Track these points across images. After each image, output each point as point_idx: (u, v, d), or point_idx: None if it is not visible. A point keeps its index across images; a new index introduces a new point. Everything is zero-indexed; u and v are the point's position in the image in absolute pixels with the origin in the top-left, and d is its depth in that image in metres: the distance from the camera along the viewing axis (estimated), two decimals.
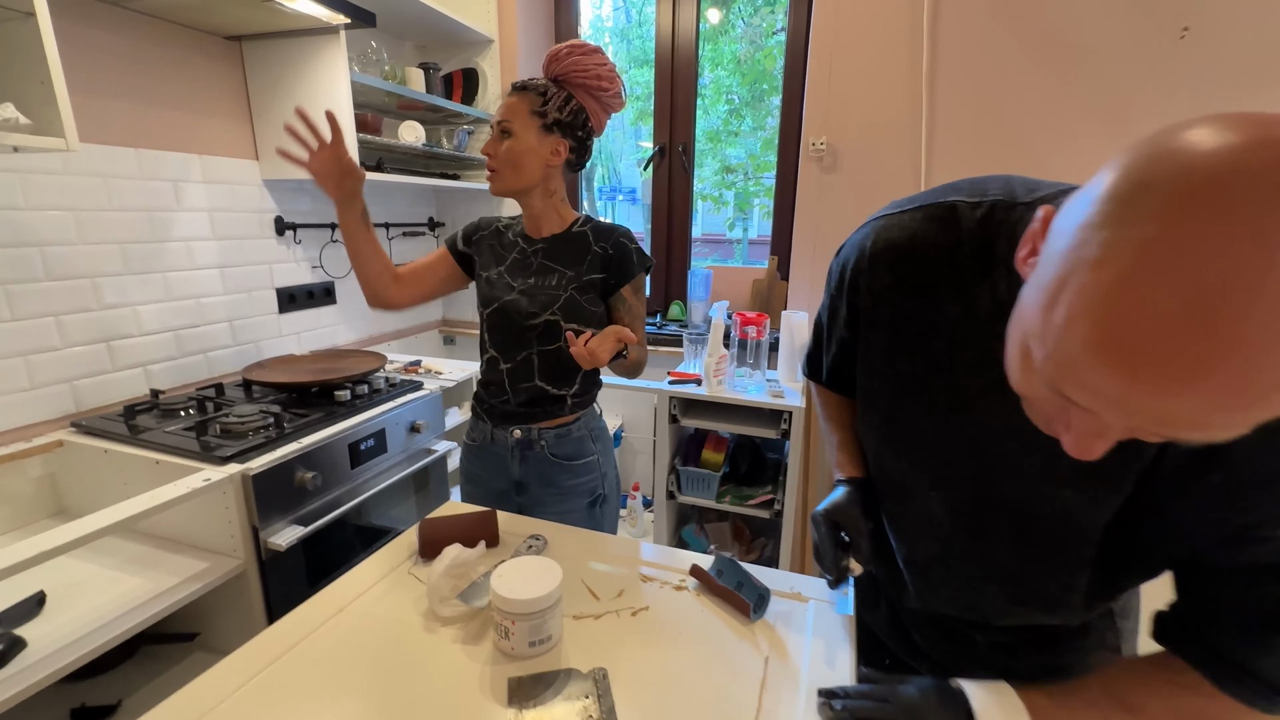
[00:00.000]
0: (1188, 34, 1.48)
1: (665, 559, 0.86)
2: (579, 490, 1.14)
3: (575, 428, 1.14)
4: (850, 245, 0.65)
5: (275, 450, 1.20)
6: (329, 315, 1.94)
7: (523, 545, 0.87)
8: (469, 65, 2.18)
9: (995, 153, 1.67)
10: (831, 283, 0.69)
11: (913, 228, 0.59)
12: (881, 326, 0.63)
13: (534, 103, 1.04)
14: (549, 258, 1.11)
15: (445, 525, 0.87)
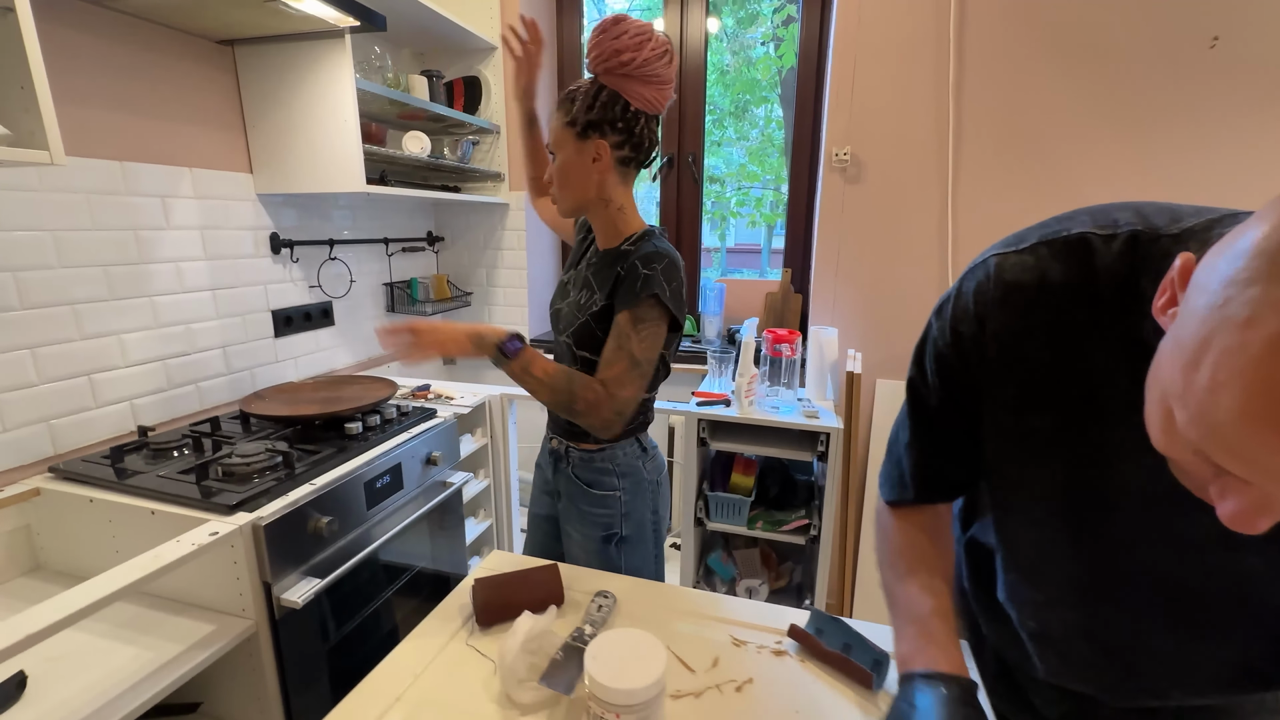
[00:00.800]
0: (1218, 44, 1.47)
1: (754, 616, 0.78)
2: (595, 521, 1.08)
3: (599, 458, 1.07)
4: (960, 295, 0.55)
5: (286, 494, 1.08)
6: (327, 338, 1.81)
7: (592, 606, 0.77)
8: (470, 73, 2.09)
9: (1023, 164, 1.64)
10: (937, 344, 0.57)
11: (1040, 266, 0.50)
12: (1010, 379, 0.54)
13: (565, 113, 0.97)
14: (595, 274, 1.04)
15: (504, 586, 0.77)
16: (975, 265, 0.54)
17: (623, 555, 1.09)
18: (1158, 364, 0.37)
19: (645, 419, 1.11)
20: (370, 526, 1.26)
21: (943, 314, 0.57)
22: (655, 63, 0.92)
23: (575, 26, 2.26)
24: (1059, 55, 1.56)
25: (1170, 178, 1.55)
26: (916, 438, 0.62)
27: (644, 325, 0.93)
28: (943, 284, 1.76)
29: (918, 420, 0.62)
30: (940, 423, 0.60)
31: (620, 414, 0.92)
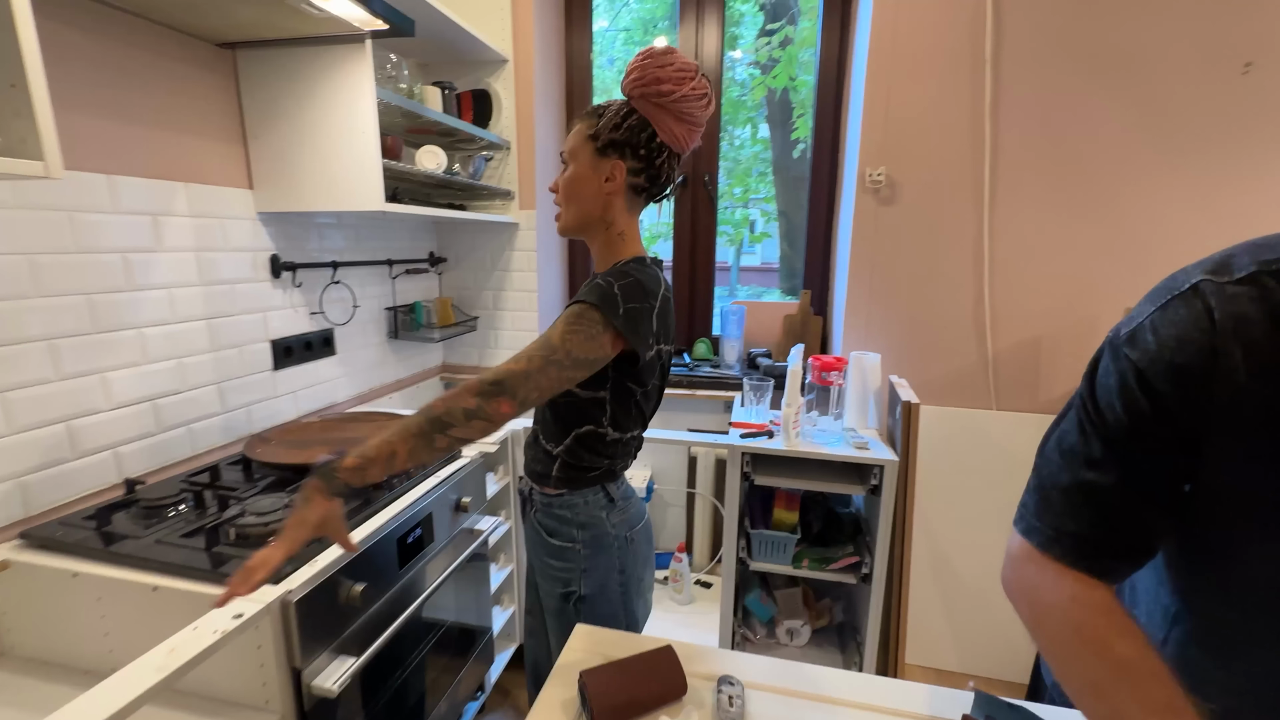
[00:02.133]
0: (1250, 69, 1.48)
1: (901, 700, 0.68)
2: (553, 575, 0.99)
3: (558, 503, 0.98)
4: (1161, 333, 0.47)
5: (314, 560, 0.93)
6: (328, 368, 1.65)
7: (721, 699, 0.66)
8: (479, 86, 1.98)
9: (1063, 185, 1.62)
10: (1144, 386, 0.48)
11: (1267, 297, 0.44)
12: (1244, 428, 0.46)
13: (589, 125, 0.92)
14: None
15: (619, 678, 0.65)
16: (1178, 292, 0.47)
17: (583, 617, 0.96)
18: None
19: (611, 467, 0.98)
20: (403, 588, 1.11)
21: (1138, 344, 0.49)
22: (694, 102, 0.89)
23: (585, 41, 2.18)
24: (1097, 76, 1.56)
25: (1210, 204, 1.55)
26: (1094, 494, 0.53)
27: (572, 319, 0.82)
28: (979, 307, 1.72)
29: (1133, 458, 0.52)
30: (1127, 478, 0.51)
31: (497, 385, 0.75)
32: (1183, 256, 1.50)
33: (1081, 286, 1.66)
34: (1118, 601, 0.52)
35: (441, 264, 2.15)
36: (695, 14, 2.07)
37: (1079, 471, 0.53)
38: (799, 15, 3.39)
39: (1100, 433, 0.52)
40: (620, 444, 0.97)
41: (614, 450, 0.97)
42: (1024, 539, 0.56)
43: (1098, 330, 1.67)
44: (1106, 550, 0.52)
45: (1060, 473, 0.55)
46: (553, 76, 2.12)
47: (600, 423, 0.93)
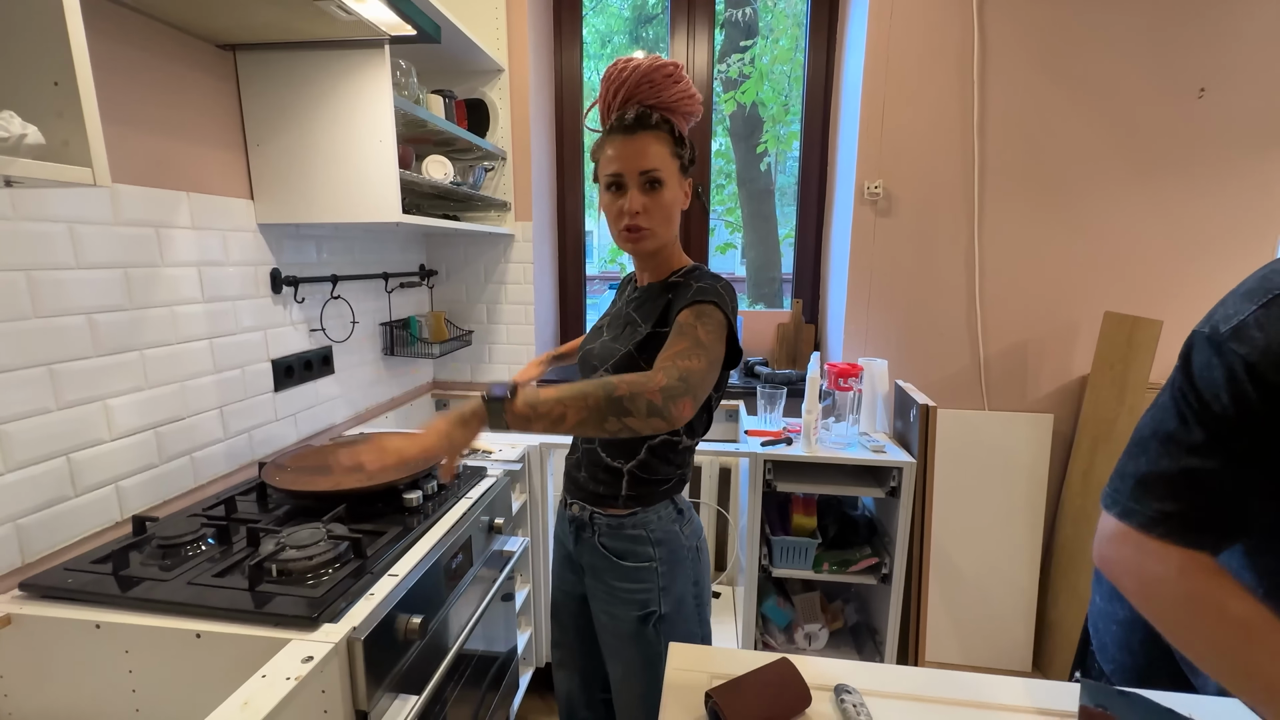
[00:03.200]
0: (1205, 94, 1.64)
1: (1015, 696, 0.69)
2: (629, 599, 0.95)
3: (630, 523, 0.95)
4: (1270, 329, 0.50)
5: (368, 593, 0.87)
6: (328, 388, 1.56)
7: (847, 707, 0.66)
8: (475, 95, 1.93)
9: (1044, 198, 1.73)
10: (1255, 378, 0.51)
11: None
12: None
13: (671, 144, 0.90)
14: (638, 308, 0.97)
15: (747, 694, 0.64)
16: (1274, 296, 0.51)
17: (662, 637, 0.94)
18: None
19: (681, 476, 0.99)
20: (451, 618, 1.05)
21: (1245, 340, 0.51)
22: (699, 114, 0.95)
23: (575, 51, 2.17)
24: (1073, 98, 1.68)
25: (1172, 216, 1.70)
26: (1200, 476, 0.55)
27: (707, 317, 0.82)
28: (971, 313, 1.81)
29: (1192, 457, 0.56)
30: (1232, 460, 0.54)
31: (683, 383, 0.72)
32: (1151, 264, 1.64)
33: (1062, 292, 1.78)
34: (1220, 565, 0.55)
35: (433, 277, 2.08)
36: (686, 30, 2.10)
37: (1181, 458, 0.56)
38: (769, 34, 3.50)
39: (1204, 422, 0.54)
40: (690, 451, 0.97)
41: (684, 459, 0.96)
42: (1120, 521, 0.58)
43: (1079, 333, 1.79)
44: (1209, 529, 0.55)
45: (1160, 459, 0.57)
46: (545, 87, 2.10)
47: (677, 429, 0.92)
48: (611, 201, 0.90)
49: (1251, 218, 1.67)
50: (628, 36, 4.66)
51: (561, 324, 2.35)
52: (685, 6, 2.07)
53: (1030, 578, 1.83)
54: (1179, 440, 0.56)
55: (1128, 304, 1.72)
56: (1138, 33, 1.63)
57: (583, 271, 2.33)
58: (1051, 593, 1.84)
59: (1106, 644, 0.82)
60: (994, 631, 1.85)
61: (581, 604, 1.05)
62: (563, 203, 2.26)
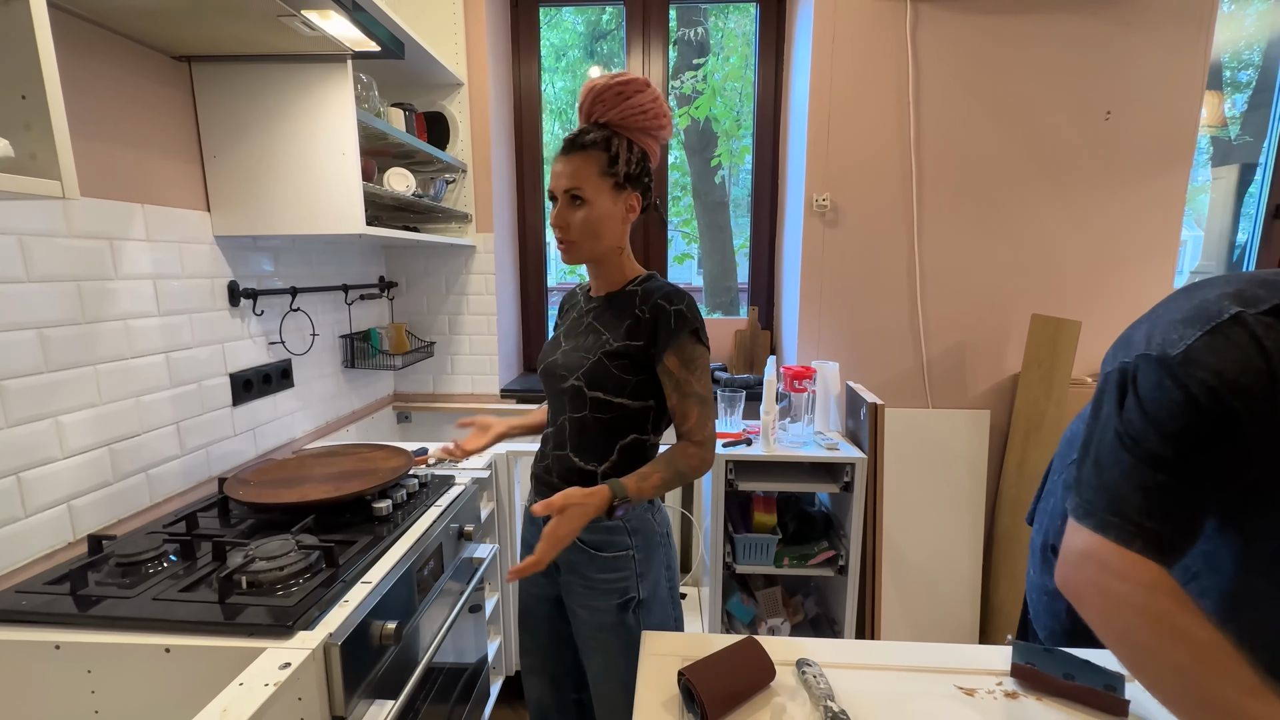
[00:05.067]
0: (1111, 116, 1.81)
1: (954, 660, 0.76)
2: (607, 588, 0.98)
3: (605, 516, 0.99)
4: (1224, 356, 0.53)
5: (342, 600, 0.88)
6: (287, 402, 1.54)
7: (809, 678, 0.71)
8: (434, 109, 1.95)
9: (975, 210, 1.87)
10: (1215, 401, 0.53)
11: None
12: (1273, 444, 0.54)
13: (602, 162, 0.95)
14: (598, 318, 1.02)
15: (718, 671, 0.68)
16: (1221, 320, 0.54)
17: (640, 622, 0.99)
18: None
19: None
20: (423, 624, 1.06)
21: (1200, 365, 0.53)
22: (668, 127, 1.01)
23: (533, 65, 2.22)
24: (998, 118, 1.83)
25: (1086, 227, 1.86)
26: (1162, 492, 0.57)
27: (694, 363, 0.95)
28: (914, 317, 1.93)
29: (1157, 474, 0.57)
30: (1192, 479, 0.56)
31: (713, 439, 0.97)
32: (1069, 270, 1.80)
33: (994, 296, 1.92)
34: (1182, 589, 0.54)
35: (393, 288, 2.07)
36: (641, 47, 2.17)
37: (1150, 475, 0.57)
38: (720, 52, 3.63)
39: (1165, 440, 0.56)
40: (655, 448, 1.01)
41: (651, 454, 1.01)
42: (1095, 534, 0.58)
43: (1009, 333, 1.93)
44: (1178, 540, 0.56)
45: (1130, 475, 0.57)
46: (504, 100, 2.13)
47: (645, 430, 0.98)
48: (552, 215, 0.98)
49: (1153, 228, 1.85)
50: (583, 51, 4.73)
51: (524, 334, 2.37)
52: (639, 24, 2.15)
53: (974, 564, 1.96)
54: (1148, 457, 0.57)
55: (1051, 306, 1.88)
56: (1052, 59, 1.79)
57: (544, 282, 2.36)
58: (993, 577, 1.96)
59: (1040, 612, 0.90)
60: (942, 615, 1.96)
61: (554, 606, 1.07)
62: (523, 214, 2.29)
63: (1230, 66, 2.70)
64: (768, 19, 2.13)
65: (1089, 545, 0.58)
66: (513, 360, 2.29)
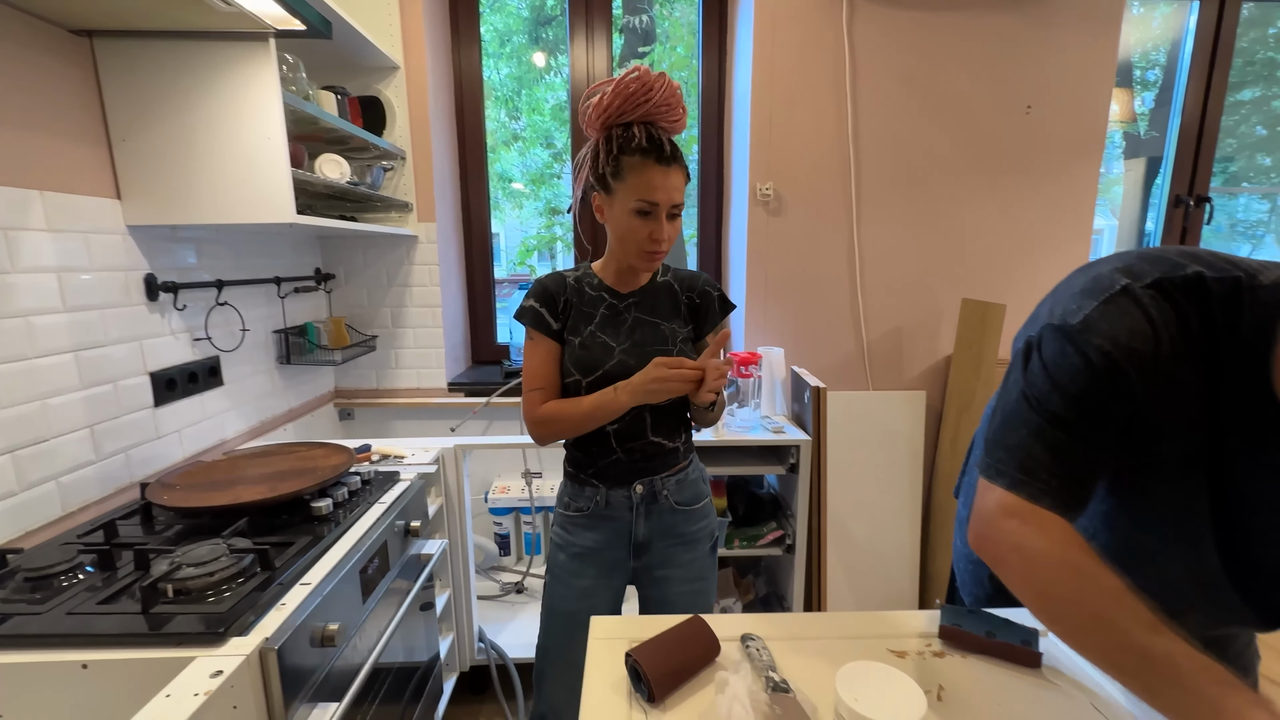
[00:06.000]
0: (1031, 110, 1.92)
1: (887, 627, 0.80)
2: (701, 535, 1.11)
3: (691, 471, 1.13)
4: (1116, 324, 0.57)
5: (279, 603, 0.85)
6: (217, 401, 1.46)
7: (752, 651, 0.73)
8: (368, 93, 1.87)
9: (909, 198, 1.95)
10: (1111, 365, 0.57)
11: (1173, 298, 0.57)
12: (1159, 406, 0.58)
13: (686, 173, 0.98)
14: (644, 311, 1.05)
15: (664, 650, 0.69)
16: (1113, 292, 0.58)
17: (716, 557, 1.16)
18: None
19: None
20: (369, 623, 1.04)
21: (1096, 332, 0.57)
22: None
23: (474, 51, 2.16)
24: (929, 111, 1.90)
25: (1010, 216, 1.97)
26: (1066, 451, 0.61)
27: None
28: (854, 304, 2.00)
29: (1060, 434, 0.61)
30: (1092, 439, 0.60)
31: None
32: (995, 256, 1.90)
33: (928, 282, 2.01)
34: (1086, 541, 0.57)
35: (330, 281, 1.99)
36: (585, 34, 2.15)
37: (1055, 435, 0.60)
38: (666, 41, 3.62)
39: (1068, 403, 0.59)
40: None
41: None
42: (1009, 492, 0.61)
43: (942, 317, 2.02)
44: (1081, 496, 0.60)
45: (1037, 436, 0.61)
46: (443, 86, 2.07)
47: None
48: (641, 225, 0.95)
49: (1070, 216, 1.98)
50: (527, 37, 4.63)
51: (472, 326, 2.33)
52: (583, 11, 2.12)
53: (913, 537, 2.06)
54: (1053, 418, 0.60)
55: (979, 291, 1.98)
56: (978, 55, 1.88)
57: (491, 273, 2.32)
58: (931, 548, 2.07)
59: (966, 580, 0.96)
60: (885, 588, 2.06)
61: (614, 592, 1.11)
62: (467, 203, 2.23)
63: (1140, 66, 2.90)
64: (710, 9, 2.14)
65: (1003, 502, 0.60)
66: (460, 353, 2.24)
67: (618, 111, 0.95)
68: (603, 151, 0.97)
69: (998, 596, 0.86)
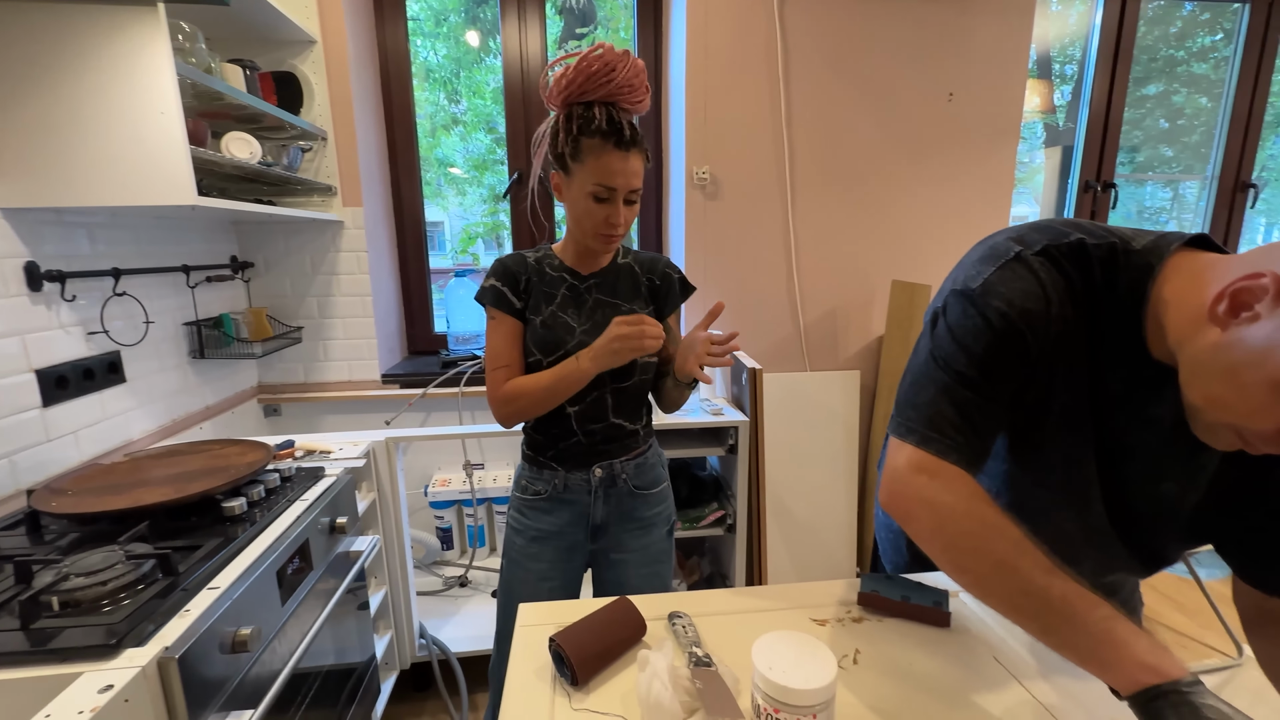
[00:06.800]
0: (953, 98, 1.99)
1: (811, 597, 0.83)
2: (659, 519, 1.13)
3: (650, 455, 1.12)
4: (1013, 287, 0.60)
5: (184, 610, 0.79)
6: (118, 399, 1.35)
7: (677, 629, 0.74)
8: (282, 68, 1.76)
9: (842, 183, 2.00)
10: (1008, 325, 0.60)
11: (1060, 265, 0.60)
12: (1049, 362, 0.61)
13: (645, 156, 0.97)
14: (605, 293, 1.05)
15: (589, 633, 0.69)
16: (1008, 259, 0.61)
17: (672, 541, 1.17)
18: (1276, 357, 0.46)
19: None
20: (290, 625, 0.99)
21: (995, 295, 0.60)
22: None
23: (399, 28, 2.06)
24: (859, 97, 1.95)
25: (936, 198, 2.05)
26: (970, 408, 0.63)
27: (678, 319, 1.18)
28: (791, 286, 2.04)
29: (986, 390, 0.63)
30: (993, 395, 0.63)
31: None
32: (921, 238, 1.97)
33: (860, 264, 2.07)
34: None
35: (248, 269, 1.87)
36: (517, 14, 2.09)
37: (961, 392, 0.62)
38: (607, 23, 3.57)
39: (971, 361, 0.62)
40: None
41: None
42: (918, 449, 0.63)
43: (874, 299, 2.09)
44: (982, 451, 0.63)
45: (944, 393, 0.63)
46: (367, 63, 1.97)
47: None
48: (598, 209, 0.95)
49: (989, 199, 2.07)
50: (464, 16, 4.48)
51: (407, 316, 2.24)
52: None
53: (849, 510, 2.13)
54: (958, 378, 0.62)
55: (908, 273, 2.05)
56: (903, 43, 1.93)
57: (425, 259, 2.24)
58: (866, 521, 2.15)
59: (886, 549, 1.00)
60: (824, 560, 2.13)
61: (574, 581, 1.12)
62: (398, 187, 2.14)
63: (1058, 60, 3.05)
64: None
65: (912, 459, 0.62)
66: (395, 344, 2.16)
67: (579, 90, 0.93)
68: (562, 130, 0.95)
69: (915, 563, 0.90)
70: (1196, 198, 2.65)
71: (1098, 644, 0.51)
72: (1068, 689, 0.65)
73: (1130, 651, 0.50)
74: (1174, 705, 0.46)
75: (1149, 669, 0.48)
